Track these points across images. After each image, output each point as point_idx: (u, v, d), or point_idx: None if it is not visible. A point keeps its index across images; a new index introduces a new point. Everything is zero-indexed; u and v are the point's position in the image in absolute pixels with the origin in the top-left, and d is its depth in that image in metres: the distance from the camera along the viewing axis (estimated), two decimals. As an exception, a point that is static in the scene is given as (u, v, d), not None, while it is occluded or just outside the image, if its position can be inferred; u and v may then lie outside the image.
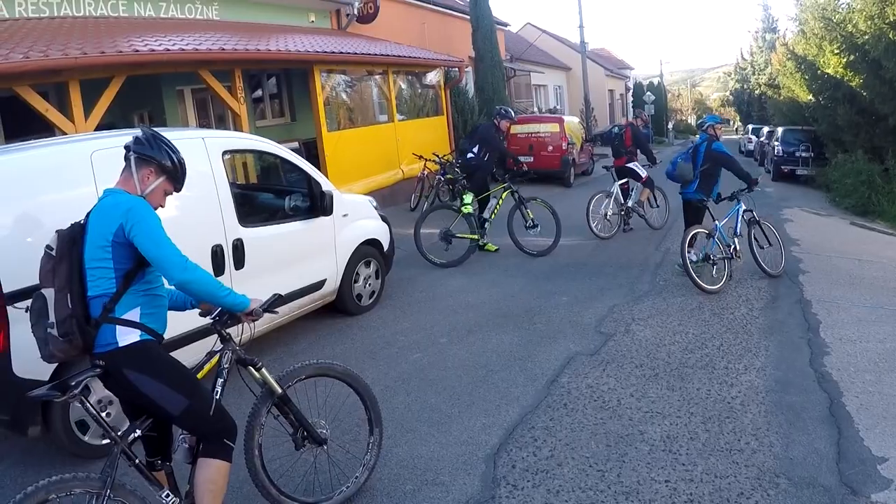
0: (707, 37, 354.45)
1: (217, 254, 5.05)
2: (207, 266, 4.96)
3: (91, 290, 2.85)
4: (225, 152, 5.42)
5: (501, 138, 10.28)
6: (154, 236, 2.83)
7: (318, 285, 6.23)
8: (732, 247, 8.03)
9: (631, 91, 55.57)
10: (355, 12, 16.48)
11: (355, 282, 6.83)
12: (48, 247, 2.90)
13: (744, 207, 8.29)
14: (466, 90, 19.59)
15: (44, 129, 7.89)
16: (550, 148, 18.00)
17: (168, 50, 8.51)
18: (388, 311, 7.08)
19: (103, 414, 4.20)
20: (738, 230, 8.19)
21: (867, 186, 15.66)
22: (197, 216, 5.00)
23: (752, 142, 34.44)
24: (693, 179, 8.12)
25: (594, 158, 23.50)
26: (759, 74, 47.87)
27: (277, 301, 3.35)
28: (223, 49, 9.44)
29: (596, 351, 5.81)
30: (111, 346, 2.83)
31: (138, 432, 2.92)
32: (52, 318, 2.78)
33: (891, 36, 15.98)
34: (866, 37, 17.05)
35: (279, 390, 3.42)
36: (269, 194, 7.08)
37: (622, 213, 11.17)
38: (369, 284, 7.06)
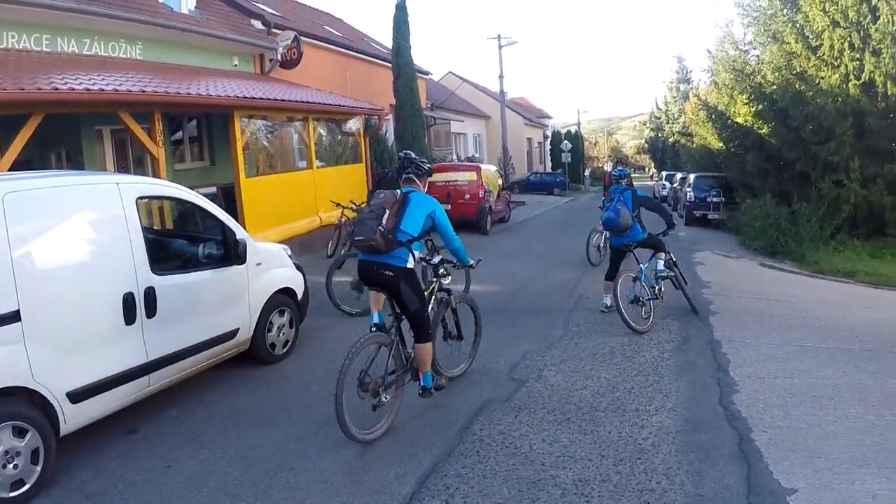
0: (624, 87, 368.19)
1: (128, 301, 4.96)
2: (118, 315, 4.90)
3: (404, 226, 5.07)
4: (139, 198, 5.38)
5: None
6: (447, 223, 5.39)
7: (231, 334, 6.18)
8: (657, 287, 8.50)
9: (549, 139, 57.09)
10: (279, 58, 16.63)
11: (269, 331, 6.79)
12: (398, 192, 5.25)
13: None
14: (386, 138, 19.86)
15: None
16: (467, 196, 18.38)
17: (88, 89, 8.39)
18: (302, 360, 7.04)
19: (10, 466, 4.08)
20: (661, 272, 8.67)
21: (775, 229, 16.38)
22: (109, 262, 4.95)
23: (665, 188, 35.64)
24: (633, 224, 8.52)
25: (511, 206, 24.01)
26: (673, 123, 50.12)
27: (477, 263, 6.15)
28: (143, 91, 9.37)
29: (508, 398, 5.88)
30: (403, 262, 5.11)
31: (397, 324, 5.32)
32: (382, 223, 4.91)
33: (797, 86, 17.24)
34: (774, 87, 18.38)
35: (454, 304, 6.19)
36: (183, 241, 6.96)
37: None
38: (283, 333, 7.02)
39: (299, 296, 7.39)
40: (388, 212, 4.98)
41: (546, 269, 12.34)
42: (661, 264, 8.76)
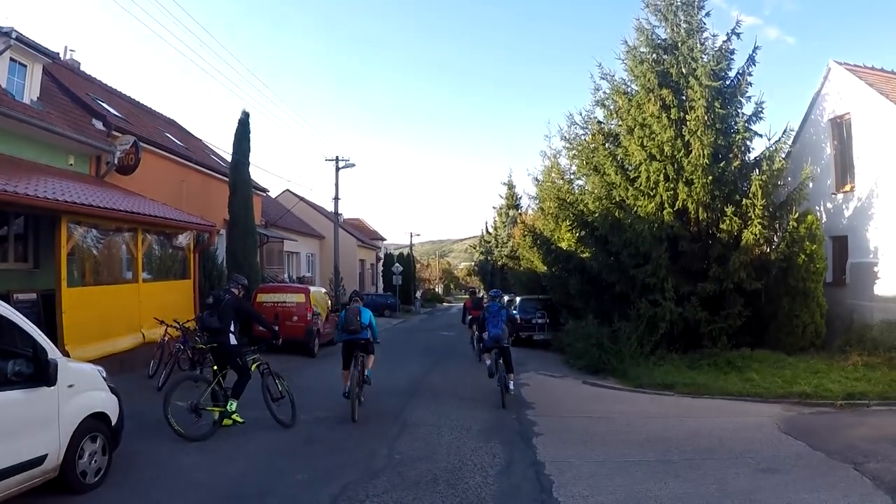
0: (457, 210, 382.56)
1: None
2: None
3: (363, 320, 10.84)
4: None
5: None
6: (374, 320, 11.33)
7: (39, 461, 5.79)
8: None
9: (382, 261, 58.17)
10: (115, 162, 16.28)
11: (80, 458, 6.38)
12: (357, 307, 11.01)
13: None
14: (216, 255, 19.57)
15: None
16: (295, 318, 18.38)
17: None
18: (114, 490, 6.63)
19: None
20: (511, 391, 12.12)
21: (597, 348, 17.03)
22: None
23: None
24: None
25: (340, 328, 23.96)
26: (502, 247, 52.38)
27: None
28: (-35, 185, 8.91)
29: (327, 534, 5.75)
30: (367, 336, 10.95)
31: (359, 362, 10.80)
32: (360, 320, 10.79)
33: (616, 214, 18.76)
34: (595, 215, 19.71)
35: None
36: (-10, 356, 6.57)
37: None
38: (95, 461, 6.62)
39: (113, 421, 7.06)
40: (358, 316, 10.74)
41: (372, 394, 12.43)
42: (511, 384, 12.14)
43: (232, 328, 9.52)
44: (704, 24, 18.48)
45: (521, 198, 54.34)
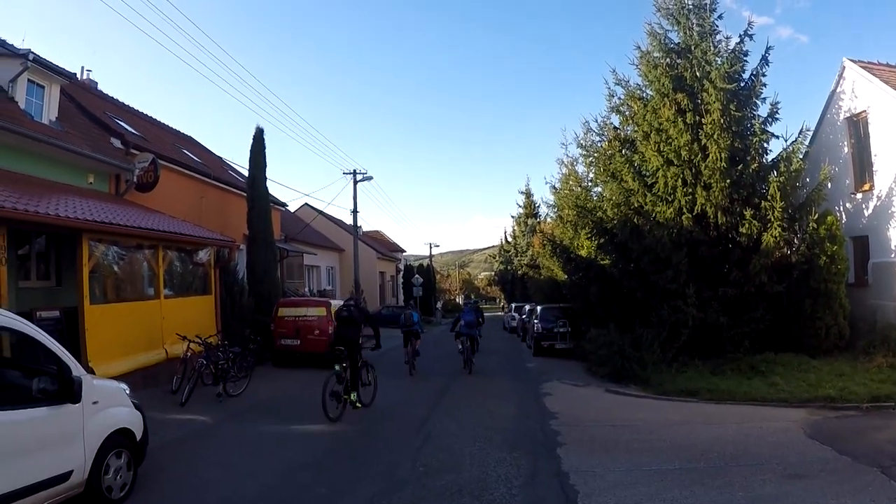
0: (476, 219, 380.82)
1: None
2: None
3: (415, 318, 19.26)
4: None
5: None
6: (418, 318, 19.83)
7: (64, 477, 5.86)
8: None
9: (402, 272, 58.22)
10: (135, 179, 16.46)
11: (105, 474, 6.45)
12: (409, 311, 19.73)
13: None
14: (237, 270, 19.72)
15: None
16: (317, 331, 18.26)
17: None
18: (139, 505, 6.69)
19: None
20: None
21: (620, 355, 16.84)
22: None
23: (514, 319, 36.06)
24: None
25: (362, 341, 23.91)
26: (521, 256, 52.06)
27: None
28: (-9, 205, 9.04)
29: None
30: (417, 327, 18.99)
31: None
32: (413, 317, 19.00)
33: (635, 221, 18.62)
34: (614, 222, 19.53)
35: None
36: (16, 373, 6.61)
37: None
38: (120, 476, 6.69)
39: (138, 437, 7.15)
40: (411, 318, 18.73)
41: (395, 406, 12.43)
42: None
43: None
44: (717, 26, 18.54)
45: (539, 206, 53.91)
